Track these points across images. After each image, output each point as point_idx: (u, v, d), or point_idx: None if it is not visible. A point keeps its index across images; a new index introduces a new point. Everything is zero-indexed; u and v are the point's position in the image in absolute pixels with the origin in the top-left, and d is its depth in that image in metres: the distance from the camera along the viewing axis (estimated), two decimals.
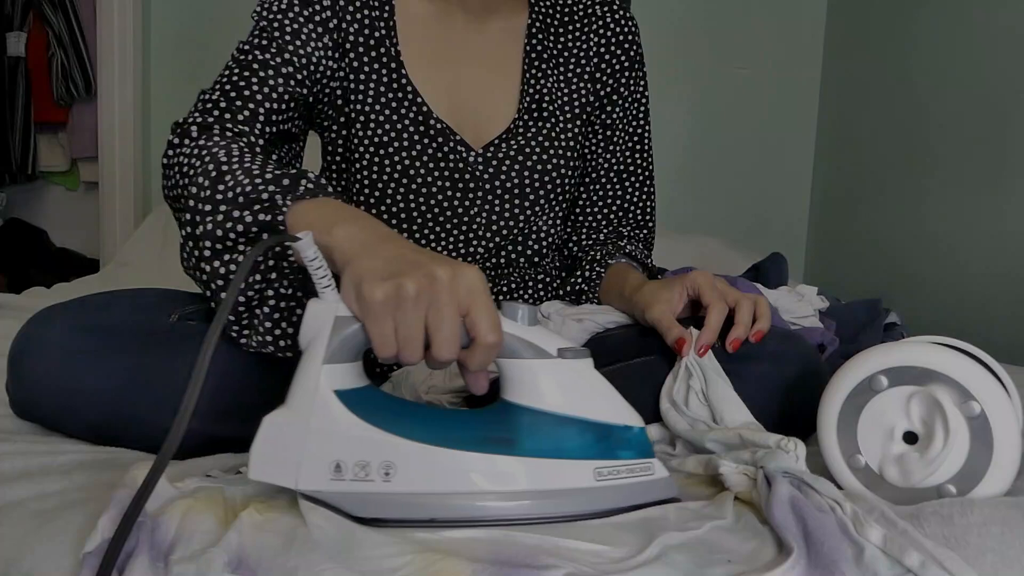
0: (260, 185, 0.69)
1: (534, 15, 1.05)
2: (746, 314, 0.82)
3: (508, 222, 1.00)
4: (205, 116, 0.85)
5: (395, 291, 0.56)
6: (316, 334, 0.59)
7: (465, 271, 0.58)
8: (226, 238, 0.70)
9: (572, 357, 0.60)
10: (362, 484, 0.57)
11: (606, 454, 0.60)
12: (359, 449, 0.58)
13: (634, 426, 0.61)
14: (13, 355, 0.75)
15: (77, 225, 3.01)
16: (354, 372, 0.61)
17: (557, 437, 0.60)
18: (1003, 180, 1.64)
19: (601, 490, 0.59)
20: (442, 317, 0.56)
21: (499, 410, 0.61)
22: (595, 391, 0.61)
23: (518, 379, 0.60)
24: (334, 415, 0.58)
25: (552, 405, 0.60)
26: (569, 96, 1.05)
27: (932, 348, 0.62)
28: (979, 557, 0.51)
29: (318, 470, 0.57)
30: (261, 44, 0.90)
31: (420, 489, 0.58)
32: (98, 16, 2.39)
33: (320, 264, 0.59)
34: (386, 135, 0.95)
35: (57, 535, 0.53)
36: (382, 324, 0.57)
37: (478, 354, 0.58)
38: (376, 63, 0.96)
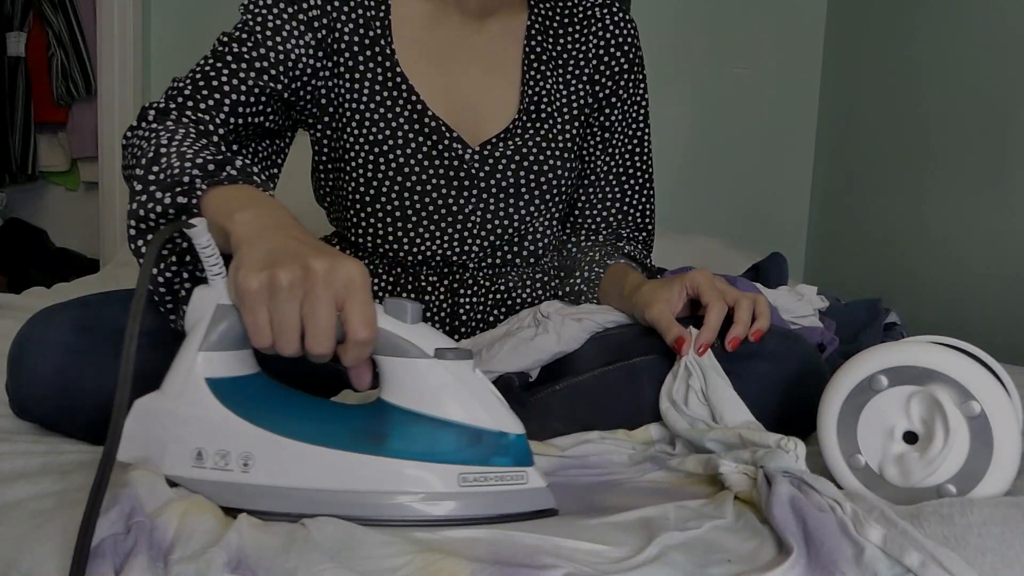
0: (187, 168, 0.70)
1: (533, 16, 1.05)
2: (745, 313, 0.82)
3: (504, 221, 1.00)
4: (168, 101, 0.86)
5: (268, 281, 0.56)
6: (197, 320, 0.60)
7: (345, 264, 0.57)
8: (147, 218, 0.70)
9: (452, 358, 0.59)
10: (221, 473, 0.57)
11: (476, 460, 0.59)
12: (220, 438, 0.58)
13: (510, 432, 0.60)
14: (13, 355, 0.75)
15: (77, 225, 3.01)
16: (236, 360, 0.61)
17: (425, 439, 0.59)
18: (1003, 180, 1.64)
19: (464, 496, 0.58)
20: (315, 310, 0.56)
21: (374, 408, 0.61)
22: (471, 394, 0.60)
23: (393, 377, 0.60)
24: (201, 402, 0.58)
25: (423, 406, 0.59)
26: (568, 97, 1.05)
27: (932, 348, 0.61)
28: (979, 557, 0.51)
29: (181, 456, 0.58)
30: (240, 37, 0.91)
31: (277, 482, 0.57)
32: (98, 16, 2.39)
33: (212, 252, 0.60)
34: (380, 133, 0.95)
35: (57, 535, 0.53)
36: (256, 313, 0.57)
37: (350, 350, 0.57)
38: (371, 62, 0.96)
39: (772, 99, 2.40)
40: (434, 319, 1.01)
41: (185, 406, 0.58)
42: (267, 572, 0.49)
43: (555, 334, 0.89)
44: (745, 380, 0.79)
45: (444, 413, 0.59)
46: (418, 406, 0.59)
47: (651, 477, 0.71)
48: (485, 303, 1.02)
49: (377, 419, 0.60)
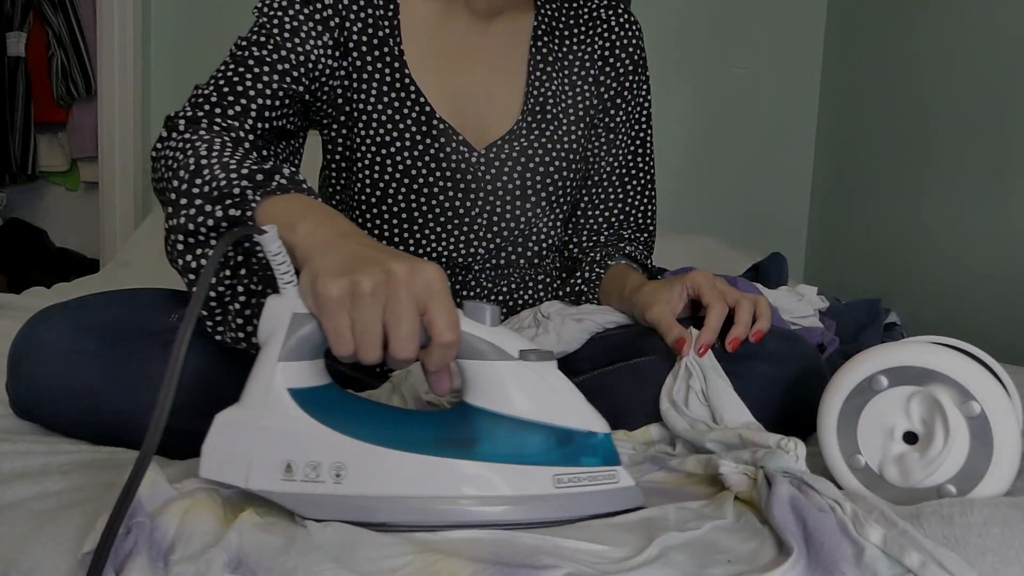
0: (234, 180, 0.69)
1: (539, 17, 1.05)
2: (746, 314, 0.82)
3: (509, 223, 1.00)
4: (195, 110, 0.85)
5: (350, 287, 0.55)
6: (273, 331, 0.58)
7: (424, 268, 0.56)
8: (197, 232, 0.70)
9: (535, 359, 0.59)
10: (312, 485, 0.56)
11: (567, 460, 0.58)
12: (310, 449, 0.56)
13: (598, 432, 0.59)
14: (13, 355, 0.75)
15: (77, 225, 3.01)
16: (313, 370, 0.60)
17: (515, 442, 0.58)
18: (1003, 180, 1.63)
19: (560, 497, 0.57)
20: (399, 314, 0.55)
21: (458, 413, 0.60)
22: (557, 395, 0.59)
23: (477, 381, 0.59)
24: (286, 414, 0.57)
25: (511, 408, 0.58)
26: (573, 98, 1.05)
27: (932, 348, 0.61)
28: (979, 557, 0.51)
29: (268, 470, 0.56)
30: (259, 40, 0.90)
31: (371, 492, 0.56)
32: (98, 16, 2.39)
33: (283, 260, 0.58)
34: (388, 135, 0.95)
35: (57, 535, 0.53)
36: (337, 320, 0.56)
37: (435, 353, 0.57)
38: (379, 62, 0.96)
39: (772, 99, 2.40)
40: None
41: (269, 419, 0.57)
42: (267, 572, 0.49)
43: (555, 334, 0.89)
44: (745, 381, 0.79)
45: (533, 415, 0.58)
46: (505, 408, 0.58)
47: (651, 477, 0.71)
48: None
49: (465, 424, 0.59)
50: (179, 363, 0.50)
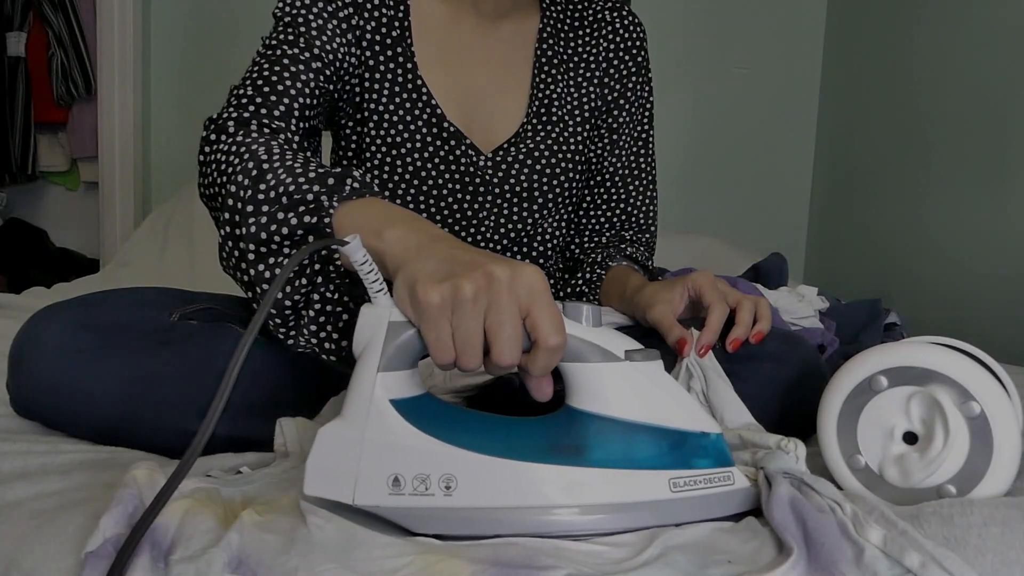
0: (304, 184, 0.67)
1: (545, 19, 1.05)
2: (747, 314, 0.82)
3: (516, 225, 1.00)
4: (240, 111, 0.82)
5: (452, 293, 0.53)
6: (369, 341, 0.56)
7: (525, 270, 0.54)
8: (270, 241, 0.68)
9: (641, 359, 0.56)
10: (422, 499, 0.54)
11: (681, 463, 0.56)
12: (418, 461, 0.55)
13: (711, 432, 0.57)
14: (13, 354, 0.75)
15: (77, 225, 3.01)
16: (411, 380, 0.58)
17: (628, 446, 0.56)
18: (1003, 180, 1.63)
19: (678, 502, 0.55)
20: (502, 319, 0.53)
21: (564, 417, 0.57)
22: (667, 395, 0.57)
23: (583, 384, 0.57)
24: (390, 426, 0.55)
25: (621, 411, 0.56)
26: (578, 100, 1.05)
27: (932, 348, 0.61)
28: (979, 557, 0.51)
29: (376, 484, 0.55)
30: (288, 39, 0.88)
31: (484, 503, 0.54)
32: (98, 16, 2.39)
33: (371, 268, 0.56)
34: (399, 135, 0.95)
35: (57, 535, 0.53)
36: (439, 328, 0.53)
37: (540, 358, 0.54)
38: (392, 62, 0.96)
39: (772, 99, 2.40)
40: None
41: (373, 431, 0.55)
42: (267, 572, 0.49)
43: None
44: (746, 381, 0.79)
45: (644, 417, 0.56)
46: (616, 411, 0.56)
47: None
48: None
49: (573, 429, 0.57)
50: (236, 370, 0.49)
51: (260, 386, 0.75)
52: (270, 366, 0.77)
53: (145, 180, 2.46)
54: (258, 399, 0.74)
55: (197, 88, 2.35)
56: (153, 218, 2.20)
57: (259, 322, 0.51)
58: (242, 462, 0.70)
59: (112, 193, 2.42)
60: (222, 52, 2.27)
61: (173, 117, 2.40)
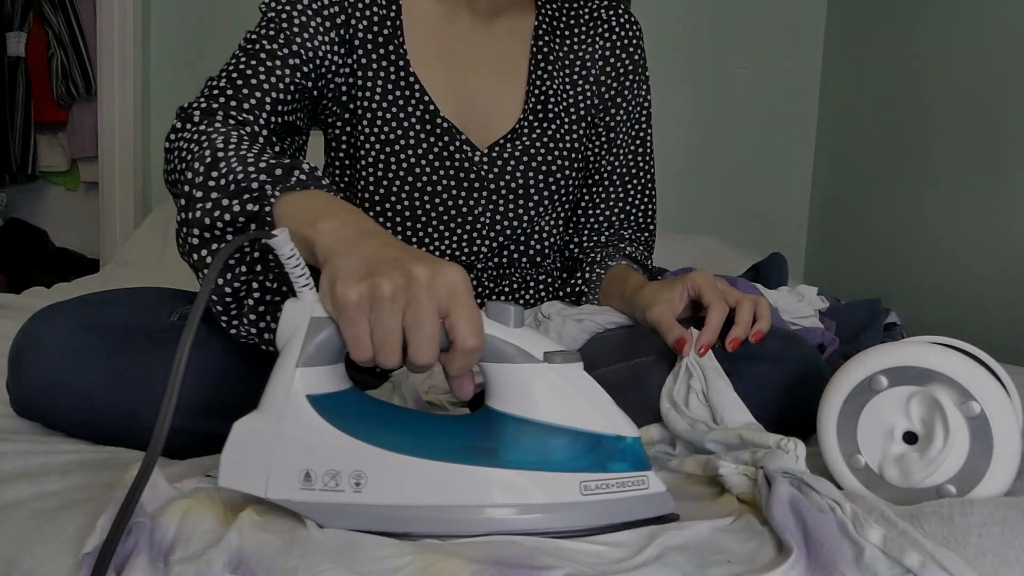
0: (252, 174, 0.68)
1: (540, 17, 1.05)
2: (746, 314, 0.82)
3: (512, 222, 1.00)
4: (210, 102, 0.84)
5: (370, 291, 0.53)
6: (291, 335, 0.56)
7: (446, 270, 0.55)
8: (213, 226, 0.69)
9: (560, 361, 0.57)
10: (332, 494, 0.55)
11: (595, 466, 0.56)
12: (329, 457, 0.55)
13: (627, 436, 0.57)
14: (13, 354, 0.75)
15: (77, 225, 3.01)
16: (333, 375, 0.58)
17: (542, 448, 0.56)
18: (1003, 180, 1.64)
19: (588, 505, 0.56)
20: (419, 319, 0.53)
21: (482, 417, 0.58)
22: (584, 398, 0.57)
23: (501, 385, 0.57)
24: (305, 421, 0.55)
25: (537, 413, 0.56)
26: (574, 98, 1.05)
27: (932, 348, 0.61)
28: (979, 557, 0.51)
29: (287, 478, 0.55)
30: (269, 34, 0.90)
31: (392, 501, 0.55)
32: (98, 16, 2.39)
33: (297, 262, 0.56)
34: (392, 132, 0.95)
35: (57, 535, 0.53)
36: (356, 326, 0.54)
37: (457, 358, 0.55)
38: (384, 60, 0.96)
39: (772, 99, 2.40)
40: None
41: (288, 426, 0.55)
42: (267, 572, 0.49)
43: (555, 334, 0.89)
44: (746, 381, 0.79)
45: (560, 419, 0.56)
46: (532, 413, 0.56)
47: None
48: None
49: (489, 429, 0.57)
50: (183, 361, 0.50)
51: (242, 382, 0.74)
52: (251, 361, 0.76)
53: (145, 180, 2.46)
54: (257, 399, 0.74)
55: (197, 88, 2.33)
56: (153, 218, 2.20)
57: (200, 306, 0.51)
58: None
59: (112, 193, 2.42)
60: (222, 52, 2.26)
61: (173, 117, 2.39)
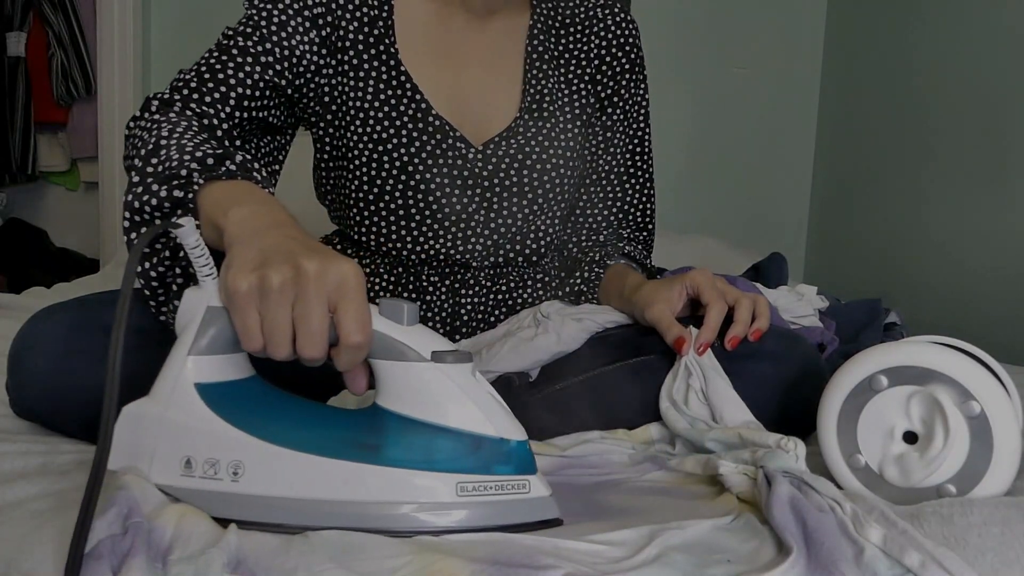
0: (186, 161, 0.69)
1: (536, 16, 1.05)
2: (745, 312, 0.82)
3: (507, 220, 1.00)
4: (173, 93, 0.86)
5: (259, 282, 0.54)
6: (187, 324, 0.58)
7: (338, 263, 0.55)
8: (142, 210, 0.70)
9: (451, 361, 0.57)
10: (211, 482, 0.56)
11: (477, 468, 0.57)
12: (209, 446, 0.56)
13: (511, 439, 0.58)
14: (13, 354, 0.75)
15: (77, 225, 3.01)
16: (228, 364, 0.59)
17: (422, 447, 0.57)
18: (1003, 180, 1.63)
19: (462, 505, 0.56)
20: (307, 312, 0.54)
21: (369, 413, 0.59)
22: (470, 399, 0.58)
23: (389, 382, 0.58)
24: (189, 408, 0.57)
25: (420, 412, 0.57)
26: (570, 97, 1.05)
27: (932, 348, 0.61)
28: (979, 557, 0.50)
29: (170, 464, 0.56)
30: (245, 32, 0.91)
31: (268, 492, 0.56)
32: (98, 16, 2.39)
33: (202, 252, 0.58)
34: (384, 131, 0.95)
35: (57, 535, 0.53)
36: (245, 316, 0.55)
37: (344, 353, 0.56)
38: (375, 60, 0.96)
39: (772, 99, 2.39)
40: (435, 319, 1.01)
41: (174, 412, 0.57)
42: (266, 572, 0.49)
43: (555, 334, 0.89)
44: (745, 380, 0.79)
45: (442, 419, 0.57)
46: (415, 412, 0.57)
47: (651, 477, 0.71)
48: (486, 303, 1.02)
49: (373, 426, 0.58)
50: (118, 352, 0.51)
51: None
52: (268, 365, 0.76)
53: None
54: None
55: None
56: None
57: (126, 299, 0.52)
58: None
59: (112, 193, 2.42)
60: None
61: None
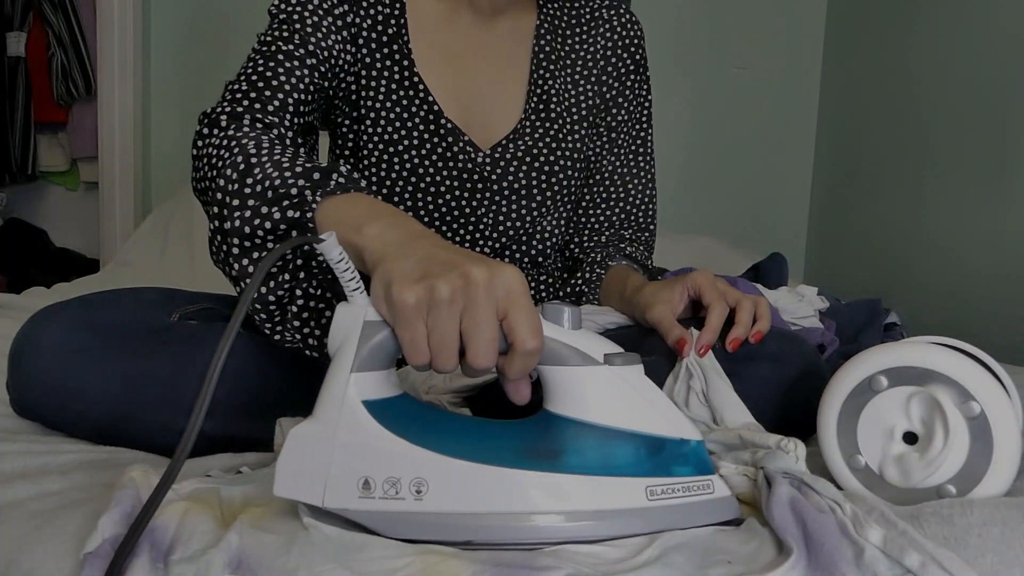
0: (289, 179, 0.67)
1: (542, 16, 1.05)
2: (746, 314, 0.82)
3: (515, 222, 1.00)
4: (234, 106, 0.83)
5: (427, 294, 0.52)
6: (344, 340, 0.55)
7: (504, 271, 0.53)
8: (254, 235, 0.67)
9: (621, 364, 0.55)
10: (392, 502, 0.53)
11: (659, 471, 0.55)
12: (389, 464, 0.54)
13: (691, 439, 0.56)
14: (13, 354, 0.75)
15: (77, 225, 3.01)
16: (387, 381, 0.57)
17: (605, 452, 0.55)
18: (1003, 180, 1.63)
19: (654, 510, 0.54)
20: (478, 321, 0.52)
21: (541, 422, 0.56)
22: (646, 401, 0.56)
23: (561, 388, 0.56)
24: (362, 427, 0.54)
25: (599, 417, 0.55)
26: (576, 97, 1.05)
27: (932, 348, 0.61)
28: (979, 557, 0.50)
29: (345, 487, 0.54)
30: (283, 36, 0.89)
31: (454, 508, 0.53)
32: (98, 16, 2.39)
33: (347, 266, 0.55)
34: (396, 133, 0.95)
35: (57, 535, 0.53)
36: (414, 329, 0.52)
37: (517, 361, 0.53)
38: (388, 60, 0.96)
39: (772, 99, 2.40)
40: None
41: (344, 433, 0.54)
42: (267, 572, 0.49)
43: None
44: (746, 381, 0.79)
45: (622, 423, 0.55)
46: (592, 417, 0.55)
47: None
48: None
49: (548, 433, 0.56)
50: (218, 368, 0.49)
51: (259, 386, 0.75)
52: (269, 365, 0.77)
53: (145, 180, 2.46)
54: (257, 399, 0.75)
55: (197, 88, 2.34)
56: (153, 218, 2.20)
57: (239, 317, 0.50)
58: (242, 462, 0.70)
59: (112, 193, 2.42)
60: (222, 52, 2.27)
61: (173, 117, 2.40)
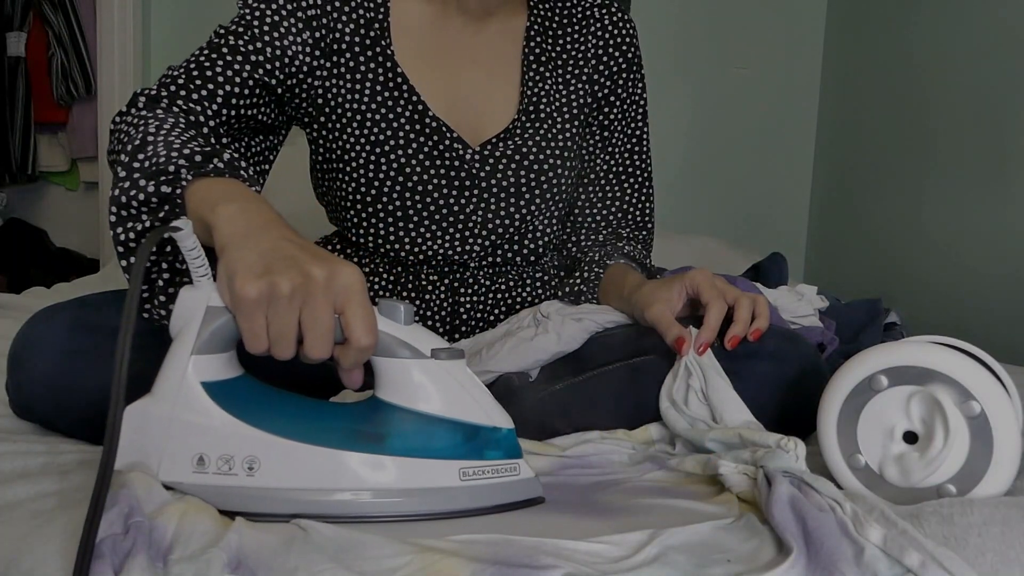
0: (173, 157, 0.69)
1: (533, 17, 1.05)
2: (745, 312, 0.82)
3: (504, 221, 1.00)
4: (160, 89, 0.86)
5: (268, 289, 0.56)
6: (186, 323, 0.59)
7: (342, 269, 0.58)
8: (129, 205, 0.70)
9: (446, 358, 0.61)
10: (225, 478, 0.58)
11: (473, 454, 0.61)
12: (223, 443, 0.58)
13: (502, 427, 0.62)
14: (13, 355, 0.75)
15: (77, 225, 3.01)
16: (226, 362, 0.61)
17: (425, 436, 0.61)
18: (1003, 180, 1.64)
19: (465, 489, 0.60)
20: (315, 317, 0.56)
21: (370, 407, 0.62)
22: (465, 392, 0.62)
23: (390, 377, 0.61)
24: (199, 407, 0.58)
25: (421, 405, 0.61)
26: (567, 97, 1.05)
27: (932, 348, 0.61)
28: (979, 557, 0.51)
29: (180, 462, 0.58)
30: (237, 30, 0.91)
31: (283, 484, 0.58)
32: (98, 16, 2.39)
33: (198, 254, 0.59)
34: (382, 133, 0.95)
35: (57, 535, 0.53)
36: (253, 321, 0.57)
37: (352, 354, 0.58)
38: (372, 63, 0.96)
39: (772, 99, 2.39)
40: (434, 318, 1.01)
41: (182, 411, 0.58)
42: (267, 572, 0.49)
43: (555, 334, 0.89)
44: (745, 380, 0.79)
45: (442, 411, 0.61)
46: (416, 404, 0.61)
47: (651, 477, 0.71)
48: (485, 302, 1.02)
49: (375, 418, 0.61)
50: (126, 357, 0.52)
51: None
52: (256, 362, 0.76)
53: None
54: None
55: None
56: None
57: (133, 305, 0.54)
58: None
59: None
60: None
61: None
